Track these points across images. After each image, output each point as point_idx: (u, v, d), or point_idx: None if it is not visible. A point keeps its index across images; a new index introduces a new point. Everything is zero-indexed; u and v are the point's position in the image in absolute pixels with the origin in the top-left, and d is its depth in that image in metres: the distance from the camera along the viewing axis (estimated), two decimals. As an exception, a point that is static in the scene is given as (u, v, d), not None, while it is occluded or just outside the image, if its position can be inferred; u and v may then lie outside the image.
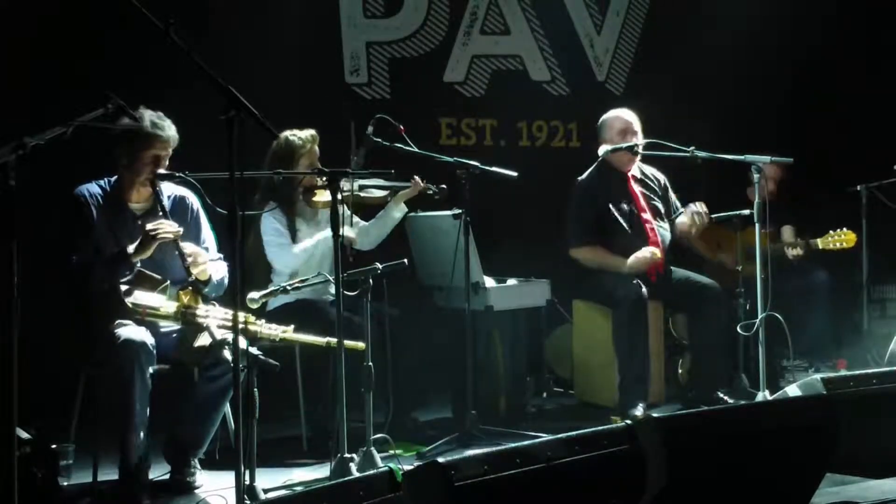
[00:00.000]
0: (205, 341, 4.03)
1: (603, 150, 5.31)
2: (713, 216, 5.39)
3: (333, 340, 4.01)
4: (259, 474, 3.70)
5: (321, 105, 5.93)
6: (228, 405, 4.14)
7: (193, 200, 4.34)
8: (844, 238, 5.78)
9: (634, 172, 5.46)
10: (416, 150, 4.72)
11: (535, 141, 6.88)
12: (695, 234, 5.48)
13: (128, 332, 3.94)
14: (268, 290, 4.30)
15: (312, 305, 4.73)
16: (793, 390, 3.72)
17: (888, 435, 3.54)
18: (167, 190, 4.27)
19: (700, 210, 5.29)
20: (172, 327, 4.16)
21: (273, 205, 4.71)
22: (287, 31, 5.93)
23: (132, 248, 4.04)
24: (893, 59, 7.01)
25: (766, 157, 4.93)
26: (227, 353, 3.98)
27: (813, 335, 6.05)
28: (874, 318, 6.28)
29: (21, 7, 5.25)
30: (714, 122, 6.56)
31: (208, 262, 4.21)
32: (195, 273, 4.08)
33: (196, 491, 4.04)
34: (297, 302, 4.70)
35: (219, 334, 3.97)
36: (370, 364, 4.06)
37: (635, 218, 5.33)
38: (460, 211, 4.67)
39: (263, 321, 4.19)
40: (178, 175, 4.01)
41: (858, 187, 5.86)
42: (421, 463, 2.90)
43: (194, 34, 3.32)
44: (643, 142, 5.24)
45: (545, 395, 5.85)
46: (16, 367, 2.90)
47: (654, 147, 5.16)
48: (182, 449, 4.11)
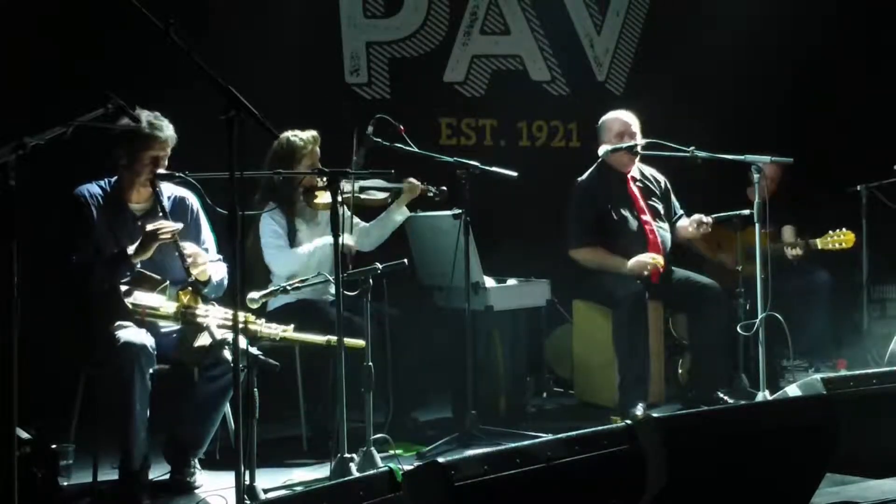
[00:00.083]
0: (205, 341, 4.03)
1: (603, 150, 5.32)
2: (713, 216, 5.40)
3: (334, 338, 4.00)
4: (259, 474, 3.69)
5: (321, 105, 5.93)
6: (228, 405, 4.14)
7: (193, 201, 4.33)
8: (844, 238, 5.78)
9: (634, 173, 5.45)
10: (416, 150, 4.72)
11: (535, 141, 6.88)
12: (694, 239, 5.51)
13: (128, 334, 3.93)
14: (268, 290, 4.29)
15: (313, 305, 4.73)
16: (793, 390, 3.72)
17: (888, 435, 3.54)
18: (167, 190, 4.27)
19: (705, 221, 5.29)
20: (172, 327, 4.16)
21: (272, 205, 4.71)
22: (287, 31, 5.92)
23: (132, 248, 4.04)
24: (893, 59, 7.01)
25: (766, 157, 4.93)
26: (227, 353, 3.98)
27: (813, 335, 6.06)
28: (874, 318, 6.28)
29: (21, 7, 5.25)
30: (714, 122, 6.57)
31: (208, 263, 4.21)
32: (195, 273, 4.08)
33: (196, 491, 4.04)
34: (297, 302, 4.69)
35: (219, 334, 3.96)
36: (370, 364, 4.06)
37: (635, 219, 5.33)
38: (460, 211, 4.67)
39: (263, 321, 4.19)
40: (178, 175, 4.00)
41: (858, 187, 5.86)
42: (421, 463, 2.90)
43: (194, 34, 3.32)
44: (643, 142, 5.24)
45: (545, 395, 5.85)
46: (16, 367, 2.90)
47: (654, 147, 5.15)
48: (182, 449, 4.11)
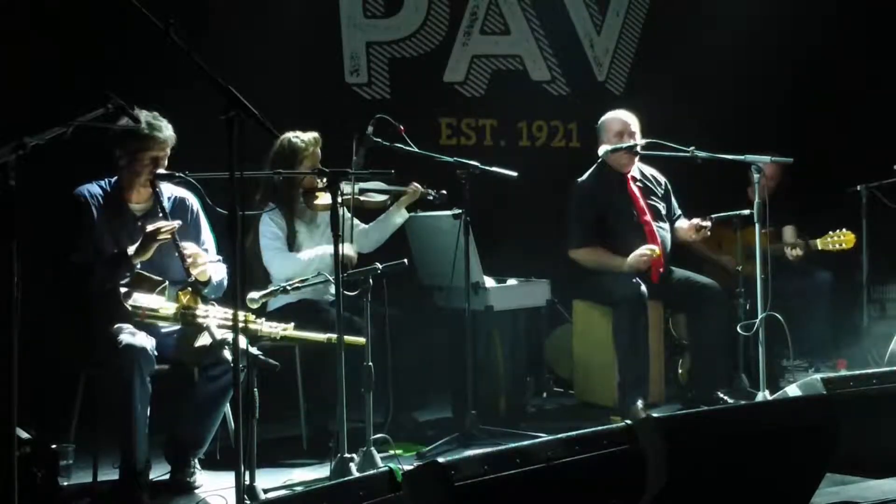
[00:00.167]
0: (205, 341, 4.03)
1: (603, 150, 5.31)
2: (713, 216, 5.40)
3: (334, 336, 4.00)
4: (259, 474, 3.69)
5: (321, 105, 5.93)
6: (228, 405, 4.14)
7: (193, 202, 4.33)
8: (844, 239, 5.78)
9: (634, 173, 5.45)
10: (416, 150, 4.72)
11: (535, 141, 6.87)
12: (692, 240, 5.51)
13: (128, 336, 3.93)
14: (268, 290, 4.29)
15: (313, 306, 4.73)
16: (793, 390, 3.72)
17: (888, 435, 3.54)
18: (167, 191, 4.27)
19: (704, 225, 5.28)
20: (172, 328, 4.16)
21: (272, 205, 4.71)
22: (287, 31, 5.92)
23: (132, 249, 4.04)
24: (893, 59, 7.01)
25: (766, 157, 4.93)
26: (227, 353, 3.98)
27: (813, 335, 6.05)
28: (874, 318, 6.27)
29: (21, 7, 5.25)
30: (714, 122, 6.57)
31: (208, 263, 4.21)
32: (195, 274, 4.08)
33: (196, 491, 4.04)
34: (297, 302, 4.69)
35: (219, 334, 3.96)
36: (370, 364, 4.06)
37: (635, 219, 5.33)
38: (460, 211, 4.67)
39: (263, 320, 4.19)
40: (178, 175, 4.00)
41: (858, 187, 5.85)
42: (421, 463, 2.90)
43: (194, 34, 3.32)
44: (643, 142, 5.23)
45: (545, 395, 5.85)
46: (16, 366, 2.90)
47: (654, 147, 5.15)
48: (182, 449, 4.11)
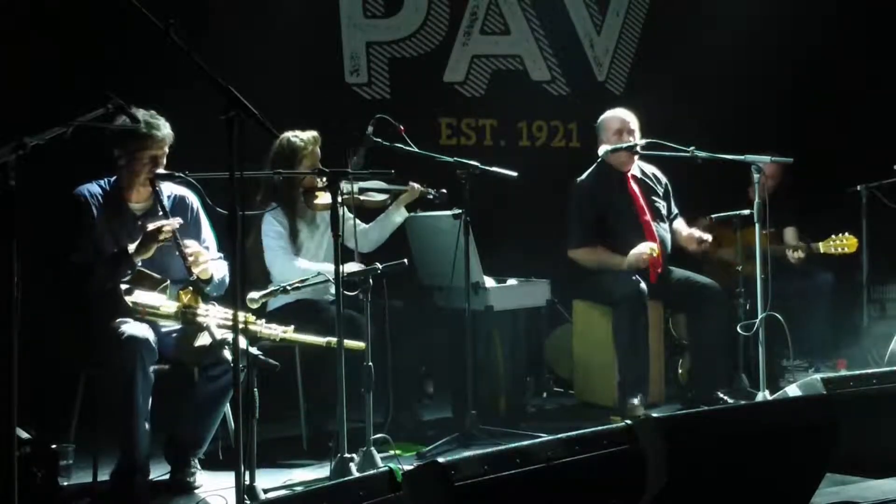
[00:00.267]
0: (205, 341, 4.03)
1: (603, 150, 5.31)
2: (713, 216, 5.40)
3: (333, 340, 4.00)
4: (259, 474, 3.69)
5: (321, 105, 5.93)
6: (228, 405, 4.14)
7: (193, 200, 4.33)
8: (846, 243, 5.75)
9: (634, 171, 5.45)
10: (416, 150, 4.71)
11: (535, 141, 6.87)
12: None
13: (130, 328, 3.94)
14: (268, 290, 4.28)
15: (313, 305, 4.73)
16: (793, 390, 3.72)
17: (888, 435, 3.54)
18: (167, 189, 4.27)
19: (705, 238, 5.28)
20: (172, 327, 4.16)
21: (274, 204, 4.71)
22: (287, 31, 5.92)
23: (133, 247, 4.04)
24: (893, 59, 7.01)
25: (766, 157, 4.93)
26: (227, 353, 3.98)
27: (813, 335, 6.05)
28: (874, 318, 6.27)
29: (21, 7, 5.25)
30: (714, 122, 6.57)
31: (209, 261, 4.21)
32: (196, 272, 4.08)
33: (196, 491, 4.04)
34: (297, 302, 4.69)
35: (219, 334, 3.96)
36: (370, 364, 4.06)
37: (635, 218, 5.33)
38: (460, 211, 4.67)
39: (263, 321, 4.19)
40: (178, 175, 4.00)
41: (858, 187, 5.86)
42: (421, 463, 2.90)
43: (194, 34, 3.31)
44: (643, 142, 5.23)
45: (545, 395, 5.85)
46: (16, 366, 2.90)
47: (654, 147, 5.14)
48: (182, 449, 4.11)
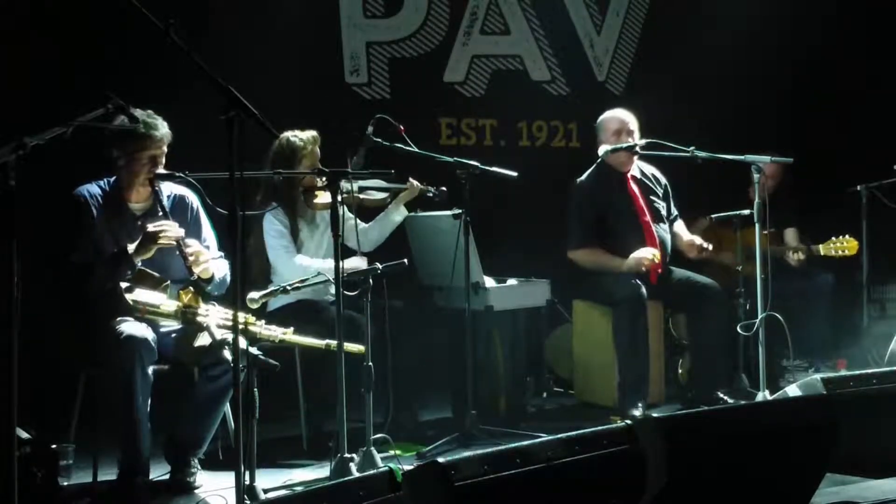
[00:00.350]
0: (205, 341, 4.03)
1: (602, 150, 5.31)
2: (713, 216, 5.40)
3: (333, 343, 4.00)
4: (259, 474, 3.69)
5: (321, 105, 5.93)
6: (228, 405, 4.14)
7: (193, 199, 4.33)
8: (847, 246, 5.75)
9: (634, 172, 5.44)
10: (416, 150, 4.71)
11: (535, 141, 6.87)
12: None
13: (129, 327, 3.94)
14: (268, 291, 4.29)
15: (313, 306, 4.73)
16: (793, 390, 3.72)
17: (888, 435, 3.54)
18: (166, 189, 4.27)
19: (707, 248, 5.28)
20: (172, 327, 4.16)
21: (274, 204, 4.71)
22: (287, 31, 5.92)
23: (132, 247, 4.04)
24: (893, 59, 7.01)
25: (766, 157, 4.93)
26: (226, 353, 3.98)
27: (813, 335, 6.05)
28: (874, 318, 6.27)
29: (21, 7, 5.25)
30: (714, 122, 6.57)
31: (210, 261, 4.20)
32: (197, 272, 4.08)
33: (196, 491, 4.03)
34: (297, 302, 4.69)
35: (219, 334, 3.96)
36: (370, 364, 4.05)
37: (634, 219, 5.32)
38: (460, 211, 4.66)
39: (263, 322, 4.19)
40: (178, 175, 4.00)
41: (858, 187, 5.85)
42: (421, 463, 2.90)
43: (194, 34, 3.32)
44: (643, 142, 5.23)
45: (545, 395, 5.85)
46: (16, 366, 2.90)
47: (654, 147, 5.14)
48: (182, 449, 4.10)
